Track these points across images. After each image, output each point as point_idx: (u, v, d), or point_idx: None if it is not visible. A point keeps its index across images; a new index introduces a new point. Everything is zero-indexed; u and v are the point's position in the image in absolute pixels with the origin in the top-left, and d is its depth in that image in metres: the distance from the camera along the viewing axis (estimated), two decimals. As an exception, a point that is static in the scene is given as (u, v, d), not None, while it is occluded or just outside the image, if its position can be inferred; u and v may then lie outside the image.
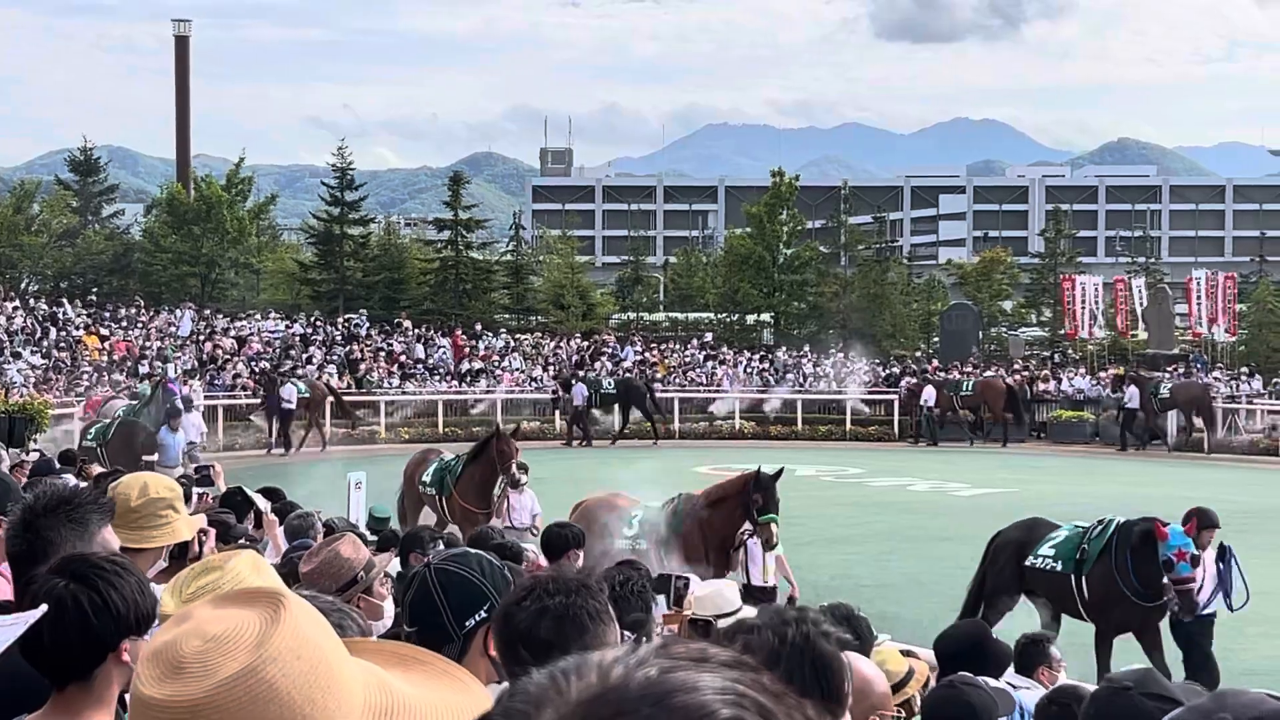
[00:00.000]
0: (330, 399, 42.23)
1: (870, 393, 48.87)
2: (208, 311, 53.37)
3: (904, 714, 6.13)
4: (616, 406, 45.24)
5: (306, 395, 41.24)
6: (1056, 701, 5.57)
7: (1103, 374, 48.84)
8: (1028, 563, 14.67)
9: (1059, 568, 14.44)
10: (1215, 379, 47.42)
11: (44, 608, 3.17)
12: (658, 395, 46.28)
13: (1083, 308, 55.99)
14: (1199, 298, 52.78)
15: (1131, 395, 43.18)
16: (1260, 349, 61.64)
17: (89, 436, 28.80)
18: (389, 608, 5.48)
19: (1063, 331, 61.49)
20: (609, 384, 45.34)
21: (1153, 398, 43.09)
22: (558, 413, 45.56)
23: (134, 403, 34.46)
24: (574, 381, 44.51)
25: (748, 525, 14.91)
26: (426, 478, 20.34)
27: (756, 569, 15.11)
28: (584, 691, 1.31)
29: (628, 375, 47.23)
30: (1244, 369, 50.77)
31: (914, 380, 47.42)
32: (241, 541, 8.27)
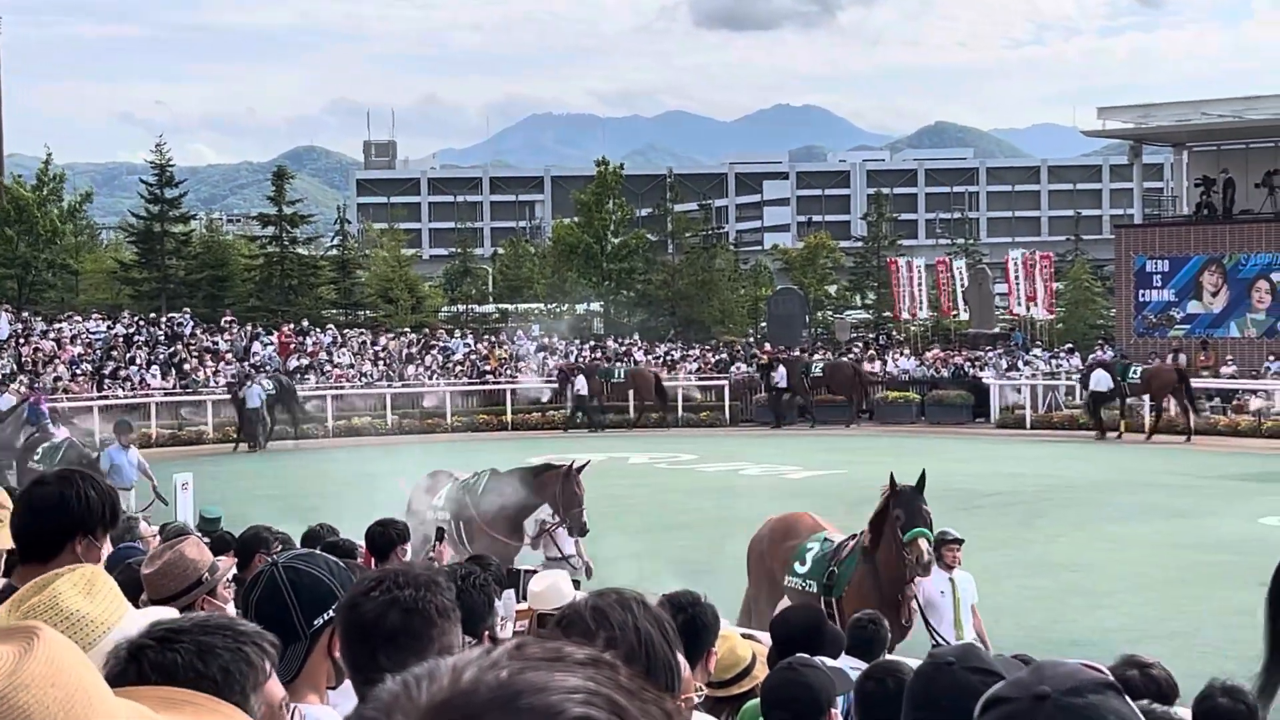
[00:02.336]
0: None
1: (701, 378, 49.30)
2: (25, 314, 52.07)
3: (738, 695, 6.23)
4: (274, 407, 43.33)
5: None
6: (872, 676, 5.69)
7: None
8: None
9: None
10: (1035, 356, 48.48)
11: None
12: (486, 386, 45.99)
13: (906, 290, 56.87)
14: (1017, 277, 53.85)
15: (780, 375, 45.66)
16: (1077, 326, 63.22)
17: (35, 458, 27.28)
18: (230, 611, 5.44)
19: (887, 314, 62.45)
20: (270, 385, 43.16)
21: (804, 377, 45.72)
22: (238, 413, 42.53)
23: None
24: (251, 382, 42.41)
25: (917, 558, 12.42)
26: (439, 501, 17.87)
27: (945, 623, 12.39)
28: (434, 696, 1.31)
29: (280, 377, 45.06)
30: (1068, 345, 51.96)
31: (568, 366, 47.81)
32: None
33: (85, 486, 4.64)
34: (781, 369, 45.96)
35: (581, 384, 45.62)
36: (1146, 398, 40.97)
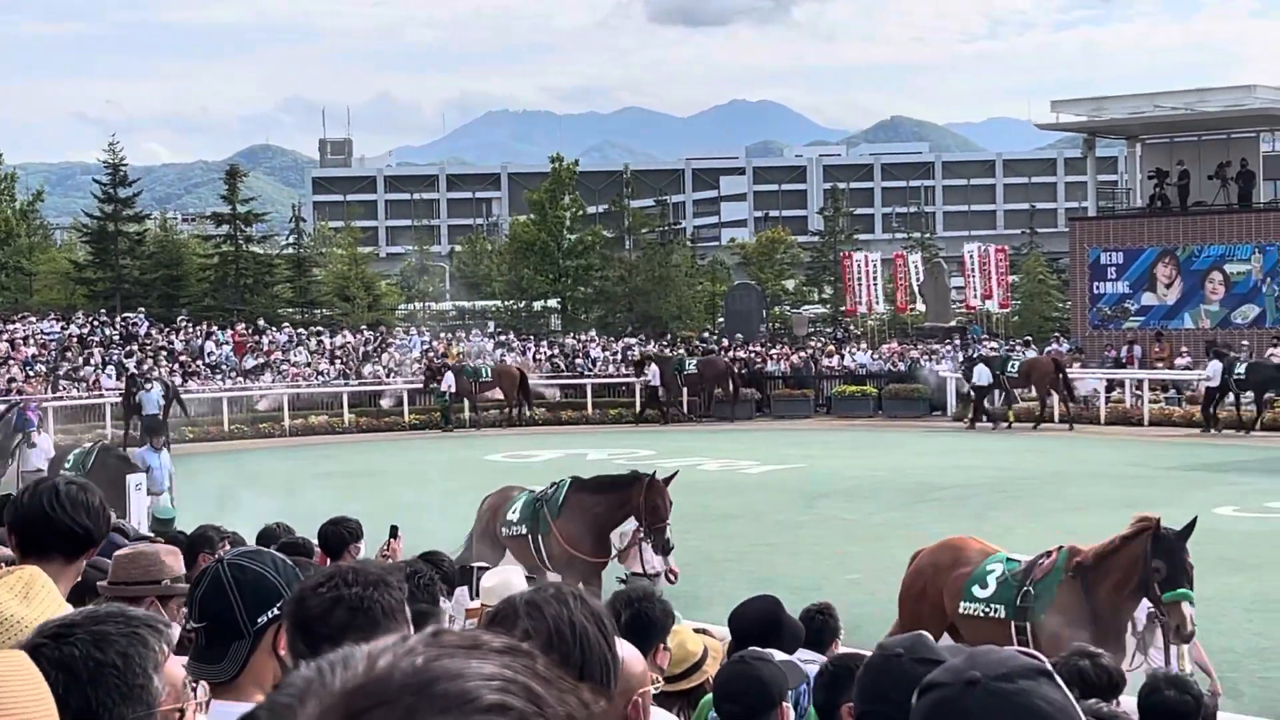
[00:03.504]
0: None
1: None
2: (-22, 315, 51.70)
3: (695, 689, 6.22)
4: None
5: None
6: (826, 671, 5.69)
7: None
8: None
9: None
10: (993, 349, 48.67)
11: None
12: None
13: (862, 284, 57.01)
14: (973, 271, 54.06)
15: (653, 374, 46.67)
16: (1032, 319, 63.53)
17: (66, 464, 26.67)
18: (174, 631, 5.44)
19: (844, 308, 62.60)
20: (161, 390, 41.20)
21: (678, 374, 46.89)
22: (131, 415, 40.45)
23: None
24: (148, 386, 40.66)
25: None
26: (513, 515, 16.61)
27: (1173, 651, 10.96)
28: (348, 682, 1.30)
29: (167, 380, 43.17)
30: (1027, 338, 52.18)
31: (435, 363, 47.66)
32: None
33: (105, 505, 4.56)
34: (654, 367, 46.74)
35: (450, 381, 45.46)
36: (1033, 389, 42.54)
